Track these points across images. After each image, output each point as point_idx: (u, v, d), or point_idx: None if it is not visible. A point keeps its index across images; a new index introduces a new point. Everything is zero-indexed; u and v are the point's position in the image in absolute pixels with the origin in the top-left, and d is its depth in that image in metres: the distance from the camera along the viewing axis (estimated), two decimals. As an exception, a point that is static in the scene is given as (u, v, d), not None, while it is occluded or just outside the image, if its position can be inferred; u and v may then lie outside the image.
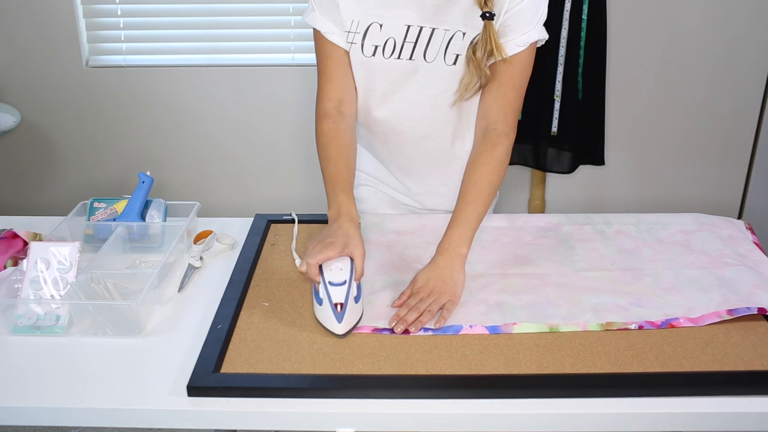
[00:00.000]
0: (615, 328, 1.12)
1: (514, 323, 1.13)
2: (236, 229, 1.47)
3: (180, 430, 1.23)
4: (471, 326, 1.13)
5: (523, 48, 1.27)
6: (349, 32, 1.30)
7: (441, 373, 1.03)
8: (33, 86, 2.66)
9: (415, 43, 1.29)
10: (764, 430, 1.00)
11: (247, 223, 1.49)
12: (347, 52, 1.34)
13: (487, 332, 1.12)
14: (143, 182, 1.43)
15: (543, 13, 1.28)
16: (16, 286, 1.21)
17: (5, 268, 1.28)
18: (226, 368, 1.05)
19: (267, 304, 1.21)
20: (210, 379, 1.02)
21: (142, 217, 1.42)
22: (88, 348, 1.12)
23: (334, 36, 1.32)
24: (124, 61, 2.66)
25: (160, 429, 1.67)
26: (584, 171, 2.72)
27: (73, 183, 2.83)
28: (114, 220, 1.41)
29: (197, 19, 2.61)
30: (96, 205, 1.44)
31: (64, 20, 2.57)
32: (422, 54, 1.30)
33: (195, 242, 1.41)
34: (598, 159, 2.50)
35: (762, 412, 0.98)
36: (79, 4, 2.58)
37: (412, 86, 1.34)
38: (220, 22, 2.61)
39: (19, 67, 2.64)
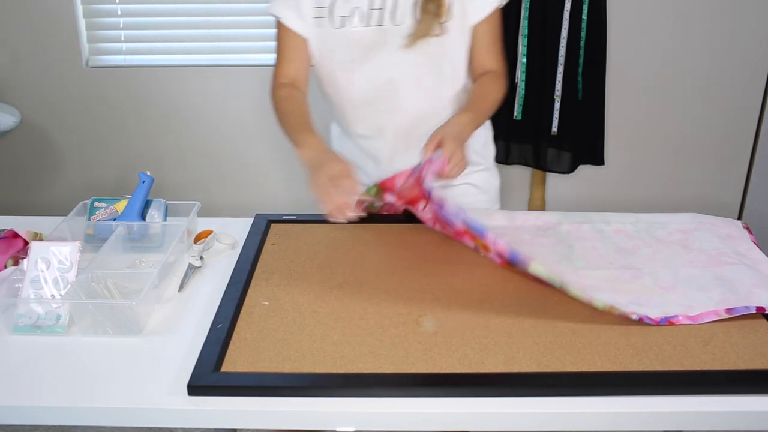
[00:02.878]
0: (617, 313, 1.13)
1: (533, 259, 1.16)
2: (236, 229, 1.47)
3: (180, 429, 1.23)
4: (496, 240, 1.14)
5: (491, 11, 1.41)
6: (317, 8, 1.37)
7: (441, 372, 1.03)
8: (33, 86, 2.66)
9: (382, 9, 1.35)
10: (764, 430, 1.00)
11: (247, 222, 1.49)
12: (304, 40, 1.42)
13: (507, 252, 1.15)
14: (143, 182, 1.43)
15: None
16: (16, 285, 1.21)
17: (6, 267, 1.28)
18: (226, 367, 1.05)
19: (267, 303, 1.21)
20: (210, 378, 1.02)
21: (143, 217, 1.42)
22: (89, 347, 1.12)
23: (292, 22, 1.40)
24: (124, 61, 2.66)
25: (160, 428, 1.67)
26: (584, 171, 2.72)
27: (74, 183, 2.83)
28: (114, 219, 1.41)
29: (197, 19, 2.61)
30: (96, 204, 1.44)
31: (64, 20, 2.58)
32: (390, 17, 1.36)
33: (195, 242, 1.41)
34: (598, 159, 2.51)
35: (762, 411, 0.98)
36: (79, 4, 2.58)
37: (387, 54, 1.39)
38: (220, 22, 2.61)
39: (19, 67, 2.64)
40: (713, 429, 1.00)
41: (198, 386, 1.01)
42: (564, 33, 2.29)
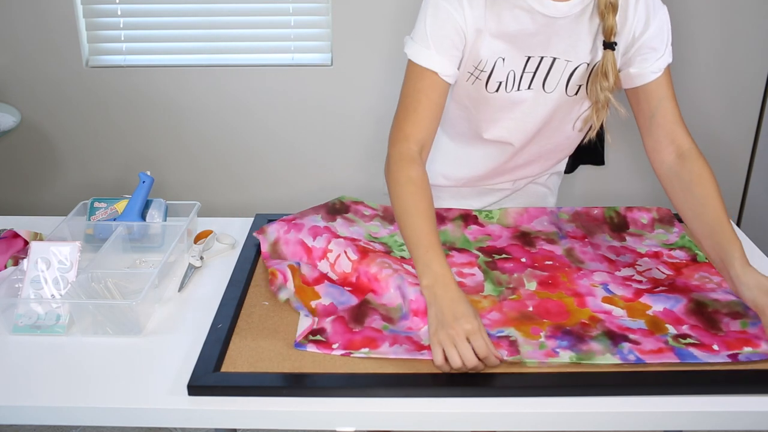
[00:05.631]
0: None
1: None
2: (236, 229, 1.47)
3: (180, 429, 1.23)
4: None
5: (659, 74, 1.34)
6: (475, 68, 1.27)
7: (442, 372, 1.03)
8: (33, 86, 2.66)
9: (534, 72, 1.28)
10: (764, 429, 1.00)
11: (247, 223, 1.49)
12: (448, 89, 1.27)
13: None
14: (144, 182, 1.43)
15: (669, 35, 1.36)
16: (16, 285, 1.21)
17: (6, 267, 1.28)
18: (226, 367, 1.05)
19: (267, 303, 1.21)
20: (210, 378, 1.02)
21: (143, 217, 1.42)
22: (89, 347, 1.12)
23: (450, 78, 1.25)
24: (124, 61, 2.66)
25: (160, 428, 1.67)
26: (584, 171, 2.72)
27: (74, 183, 2.83)
28: (114, 219, 1.41)
29: (197, 19, 2.61)
30: (96, 204, 1.44)
31: (64, 20, 2.58)
32: (541, 83, 1.29)
33: (195, 242, 1.41)
34: (598, 159, 2.50)
35: (762, 411, 0.98)
36: (79, 4, 2.58)
37: (527, 114, 1.33)
38: (220, 22, 2.61)
39: (19, 67, 2.64)
40: (713, 429, 1.00)
41: (198, 386, 1.01)
42: (564, 33, 2.29)
